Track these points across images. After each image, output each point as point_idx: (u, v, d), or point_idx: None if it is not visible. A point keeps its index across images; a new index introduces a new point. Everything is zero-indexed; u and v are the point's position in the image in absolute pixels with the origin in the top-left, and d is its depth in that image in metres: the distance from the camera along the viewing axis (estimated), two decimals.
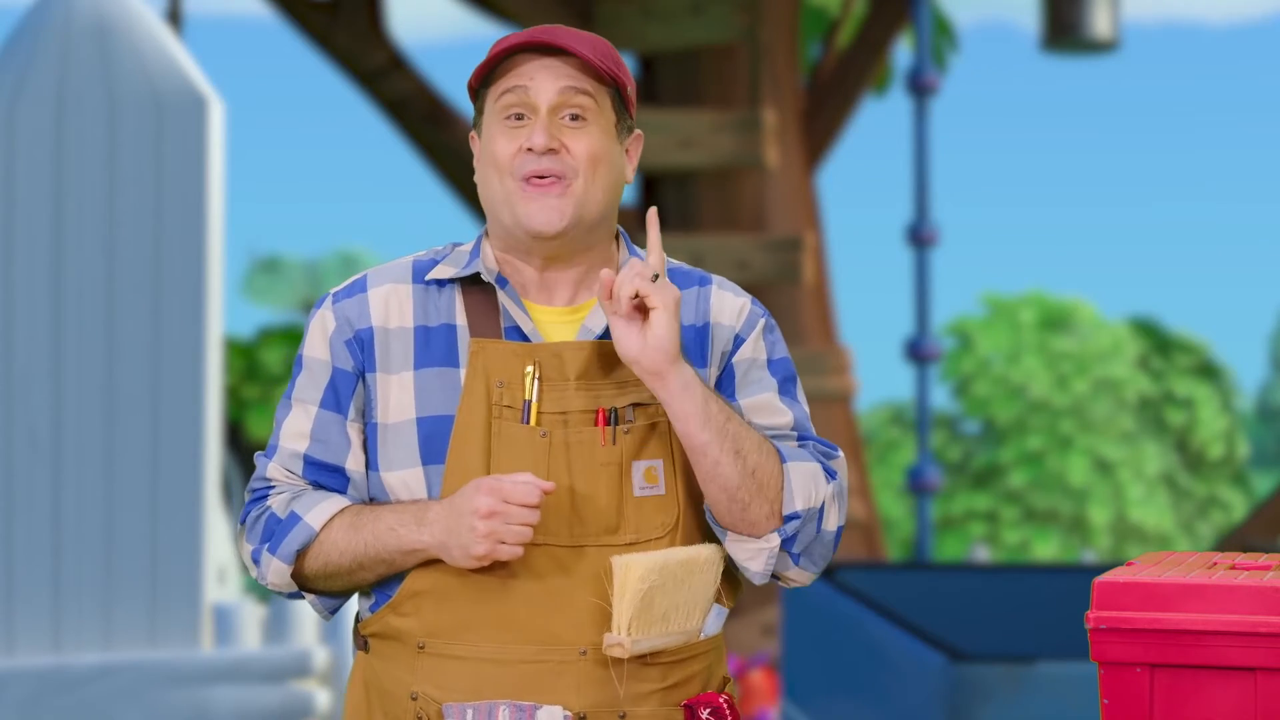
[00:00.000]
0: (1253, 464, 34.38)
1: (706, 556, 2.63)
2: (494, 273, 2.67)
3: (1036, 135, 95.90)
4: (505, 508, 2.53)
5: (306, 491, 2.69)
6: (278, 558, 2.66)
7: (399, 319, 2.67)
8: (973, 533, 29.68)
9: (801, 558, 2.65)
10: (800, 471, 2.62)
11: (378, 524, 2.62)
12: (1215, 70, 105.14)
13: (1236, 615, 2.41)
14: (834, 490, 2.66)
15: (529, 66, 2.64)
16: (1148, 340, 31.91)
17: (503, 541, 2.55)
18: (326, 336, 2.69)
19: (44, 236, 6.64)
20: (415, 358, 2.65)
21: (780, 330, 2.80)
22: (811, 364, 11.29)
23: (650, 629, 2.58)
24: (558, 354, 2.62)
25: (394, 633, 2.65)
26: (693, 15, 11.37)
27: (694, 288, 2.72)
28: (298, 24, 12.91)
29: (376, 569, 2.64)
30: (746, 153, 11.12)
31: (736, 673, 9.38)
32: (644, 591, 2.55)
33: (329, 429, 2.68)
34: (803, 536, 2.63)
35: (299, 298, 33.80)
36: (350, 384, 2.68)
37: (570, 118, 2.64)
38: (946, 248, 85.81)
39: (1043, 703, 5.32)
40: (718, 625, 2.69)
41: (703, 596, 2.64)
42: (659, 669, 2.62)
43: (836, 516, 2.67)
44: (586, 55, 2.62)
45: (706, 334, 2.70)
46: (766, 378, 2.71)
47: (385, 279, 2.70)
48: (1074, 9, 12.86)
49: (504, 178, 2.63)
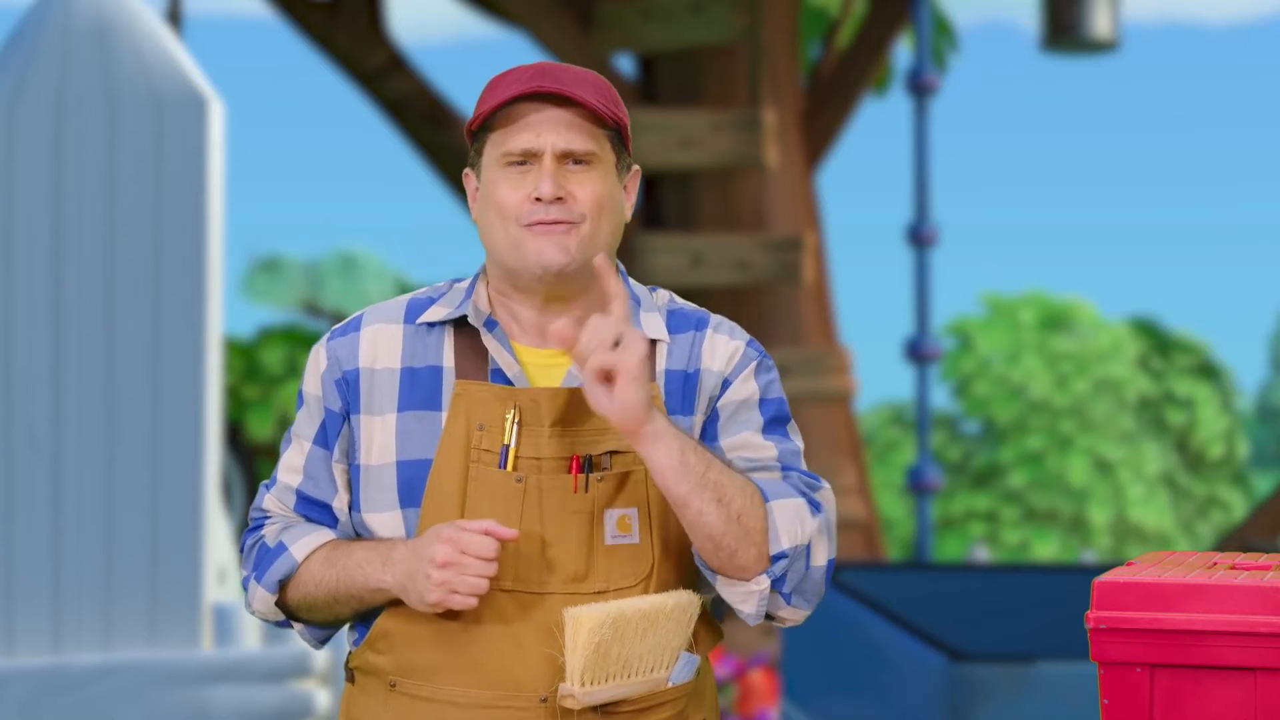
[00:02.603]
0: (1253, 464, 34.39)
1: (675, 604, 2.61)
2: (484, 315, 2.67)
3: (1036, 135, 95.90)
4: (461, 559, 2.53)
5: (298, 524, 2.72)
6: (262, 586, 2.69)
7: (386, 360, 2.68)
8: (973, 533, 29.68)
9: (793, 596, 2.62)
10: (784, 510, 2.59)
11: (349, 559, 2.64)
12: (1215, 70, 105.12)
13: (1236, 615, 2.41)
14: (820, 524, 2.62)
15: (534, 116, 2.63)
16: (1148, 340, 31.90)
17: (455, 592, 2.55)
18: (319, 374, 2.71)
19: (44, 236, 6.64)
20: (400, 399, 2.66)
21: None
22: (811, 364, 11.28)
23: (607, 679, 2.57)
24: (535, 399, 2.61)
25: (371, 668, 2.68)
26: (693, 15, 11.37)
27: (689, 332, 2.70)
28: (298, 24, 12.91)
29: (349, 604, 2.66)
30: (746, 153, 11.11)
31: (736, 673, 9.38)
32: (596, 644, 2.54)
33: (318, 466, 2.71)
34: (792, 575, 2.60)
35: (299, 298, 33.79)
36: (337, 424, 2.70)
37: (574, 163, 2.63)
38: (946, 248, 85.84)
39: (1043, 703, 5.32)
40: (689, 673, 2.66)
41: (669, 645, 2.62)
42: (621, 718, 2.61)
43: (825, 550, 2.63)
44: (593, 103, 2.62)
45: (695, 381, 2.68)
46: (754, 416, 2.69)
47: (378, 318, 2.71)
48: (1074, 9, 12.86)
49: (508, 224, 2.63)
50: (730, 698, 9.32)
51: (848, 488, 11.54)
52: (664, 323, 2.70)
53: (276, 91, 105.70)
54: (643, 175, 12.17)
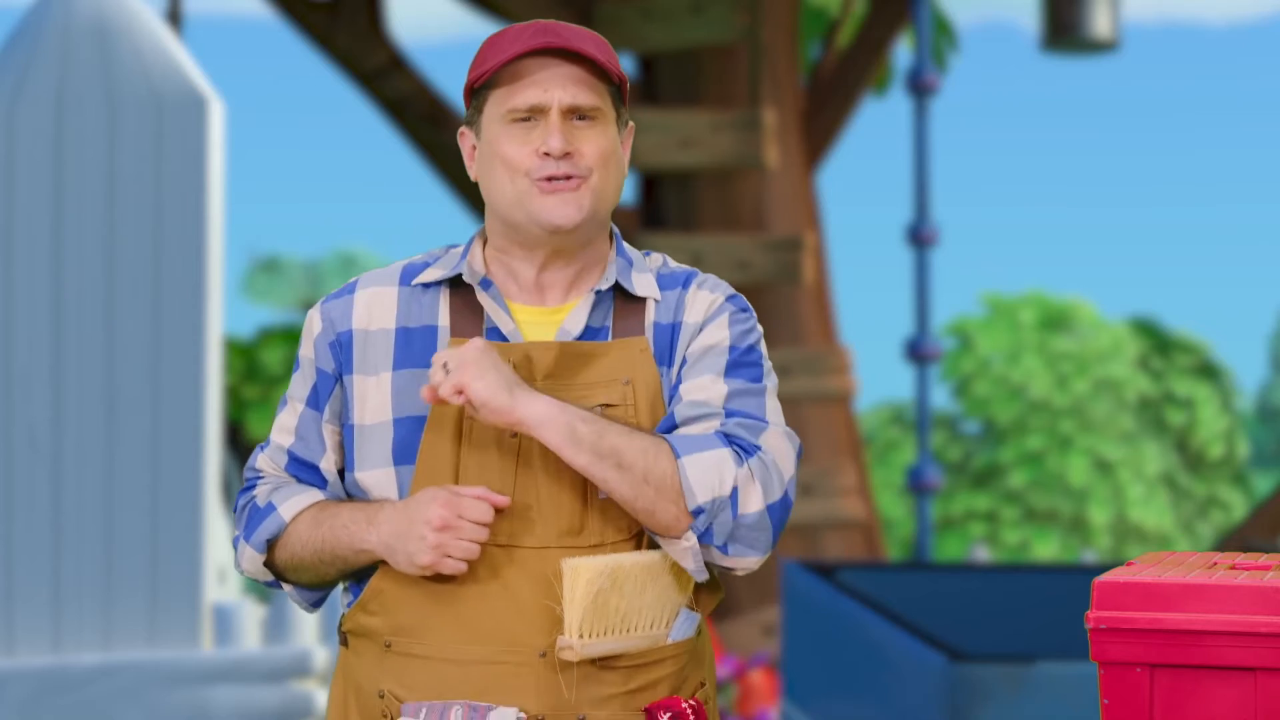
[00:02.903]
0: (1253, 464, 34.38)
1: (674, 561, 2.62)
2: (479, 274, 2.68)
3: (1036, 135, 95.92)
4: (459, 522, 2.55)
5: (288, 484, 2.73)
6: (250, 545, 2.71)
7: (380, 320, 2.69)
8: (973, 533, 29.68)
9: (729, 545, 2.58)
10: (697, 464, 2.57)
11: (335, 520, 2.65)
12: (1215, 70, 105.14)
13: (1236, 615, 2.41)
14: (747, 471, 2.58)
15: (540, 73, 2.64)
16: (1148, 340, 31.90)
17: (449, 555, 2.56)
18: (313, 338, 2.73)
19: (44, 236, 6.64)
20: (395, 359, 2.67)
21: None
22: (811, 364, 11.28)
23: (606, 633, 2.57)
24: (527, 354, 2.63)
25: (365, 630, 2.68)
26: (693, 15, 11.36)
27: (677, 289, 2.73)
28: (298, 24, 12.90)
29: (335, 564, 2.67)
30: (746, 153, 11.11)
31: (736, 673, 9.38)
32: (594, 594, 2.54)
33: (309, 427, 2.72)
34: (718, 527, 2.57)
35: (299, 298, 33.80)
36: (329, 386, 2.71)
37: (579, 119, 2.65)
38: (946, 248, 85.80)
39: (1043, 703, 5.32)
40: (689, 629, 2.66)
41: (669, 601, 2.63)
42: (620, 673, 2.62)
43: (758, 497, 2.58)
44: (599, 58, 2.63)
45: (677, 332, 2.70)
46: (718, 361, 2.66)
47: (372, 282, 2.72)
48: (1074, 9, 12.85)
49: (516, 178, 2.64)
50: (730, 698, 9.31)
51: (848, 488, 11.54)
52: (654, 282, 2.72)
53: (276, 91, 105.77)
54: (643, 175, 12.15)
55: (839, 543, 11.45)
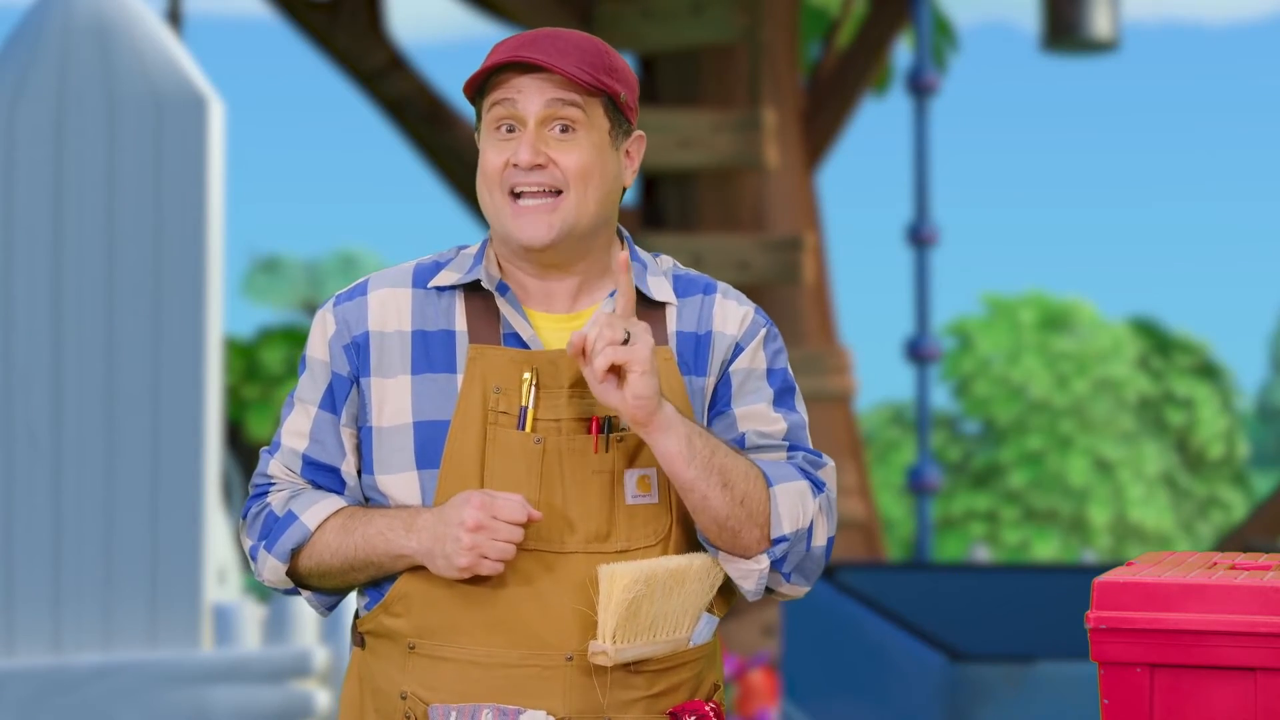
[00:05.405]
0: (1253, 464, 34.37)
1: (700, 566, 2.63)
2: (495, 279, 2.67)
3: (1036, 135, 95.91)
4: (493, 523, 2.55)
5: (305, 490, 2.71)
6: (273, 556, 2.68)
7: (396, 323, 2.67)
8: (973, 533, 29.68)
9: (793, 575, 2.66)
10: (787, 493, 2.63)
11: (369, 527, 2.64)
12: (1215, 70, 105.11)
13: (1236, 615, 2.41)
14: (821, 503, 2.67)
15: (518, 79, 2.63)
16: (1148, 340, 31.90)
17: (485, 556, 2.56)
18: (326, 339, 2.70)
19: (44, 236, 6.64)
20: (413, 363, 2.66)
21: (782, 338, 2.81)
22: (811, 364, 11.28)
23: (636, 638, 2.58)
24: (554, 361, 2.62)
25: (386, 632, 2.66)
26: (693, 15, 11.36)
27: (698, 295, 2.73)
28: (298, 24, 12.91)
29: (367, 570, 2.66)
30: (746, 153, 11.11)
31: (736, 673, 9.38)
32: (629, 601, 2.55)
33: (325, 430, 2.70)
34: (792, 556, 2.64)
35: (299, 298, 33.78)
36: (345, 389, 2.69)
37: (560, 129, 2.63)
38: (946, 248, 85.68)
39: (1043, 703, 5.32)
40: (708, 634, 2.68)
41: (693, 605, 2.65)
42: (645, 677, 2.63)
43: (825, 529, 2.67)
44: (568, 71, 2.61)
45: (708, 342, 2.70)
46: (764, 387, 2.71)
47: (385, 283, 2.70)
48: (1074, 9, 12.85)
49: (493, 190, 2.64)
50: (730, 698, 9.32)
51: (848, 488, 11.54)
52: (670, 286, 2.72)
53: (276, 91, 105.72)
54: (643, 175, 12.14)
55: (839, 543, 11.45)
